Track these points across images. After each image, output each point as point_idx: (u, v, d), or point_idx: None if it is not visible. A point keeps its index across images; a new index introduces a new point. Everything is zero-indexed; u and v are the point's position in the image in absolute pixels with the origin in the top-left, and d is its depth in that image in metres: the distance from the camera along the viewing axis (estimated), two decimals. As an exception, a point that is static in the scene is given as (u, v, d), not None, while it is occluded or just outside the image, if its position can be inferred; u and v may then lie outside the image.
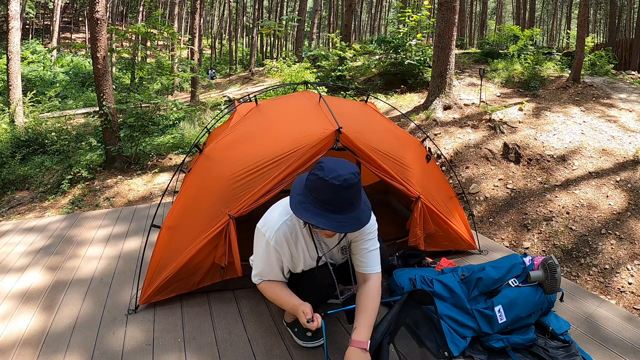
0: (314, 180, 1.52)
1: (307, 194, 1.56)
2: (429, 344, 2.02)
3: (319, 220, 1.50)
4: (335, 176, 1.48)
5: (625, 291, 3.70)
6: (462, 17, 18.09)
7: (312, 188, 1.53)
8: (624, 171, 5.00)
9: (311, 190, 1.54)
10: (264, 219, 1.81)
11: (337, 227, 1.51)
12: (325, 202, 1.51)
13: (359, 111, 3.05)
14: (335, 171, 1.49)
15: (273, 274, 1.82)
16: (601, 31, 35.21)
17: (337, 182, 1.47)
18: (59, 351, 2.02)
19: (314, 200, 1.53)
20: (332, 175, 1.48)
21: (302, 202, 1.56)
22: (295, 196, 1.60)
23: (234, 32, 32.02)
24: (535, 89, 8.07)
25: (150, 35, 9.66)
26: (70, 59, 19.73)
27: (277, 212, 1.80)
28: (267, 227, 1.76)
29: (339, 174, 1.49)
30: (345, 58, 10.48)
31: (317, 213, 1.51)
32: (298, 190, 1.61)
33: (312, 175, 1.54)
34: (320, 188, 1.50)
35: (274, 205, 1.85)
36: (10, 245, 3.41)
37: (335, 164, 1.53)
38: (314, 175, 1.53)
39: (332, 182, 1.47)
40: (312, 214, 1.52)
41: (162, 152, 7.30)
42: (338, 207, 1.51)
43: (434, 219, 2.75)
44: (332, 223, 1.50)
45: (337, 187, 1.47)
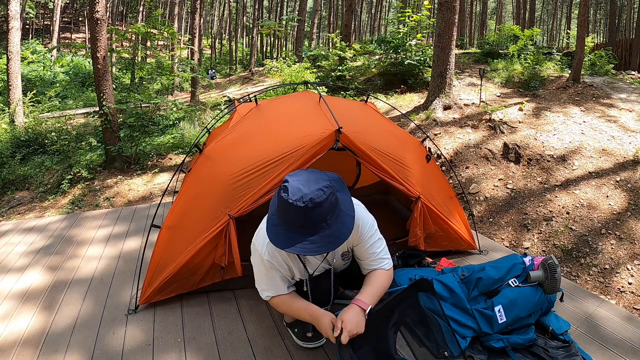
0: (281, 202, 1.42)
1: (279, 215, 1.47)
2: (429, 344, 2.02)
3: (292, 247, 1.40)
4: (299, 197, 1.37)
5: (625, 291, 3.70)
6: (462, 17, 18.10)
7: (281, 210, 1.44)
8: (624, 171, 5.00)
9: (281, 213, 1.44)
10: (256, 234, 1.77)
11: (312, 250, 1.41)
12: (296, 225, 1.41)
13: (359, 111, 3.05)
14: (300, 191, 1.38)
15: (278, 288, 1.76)
16: (601, 31, 35.21)
17: (302, 204, 1.36)
18: (59, 351, 2.02)
19: (284, 223, 1.44)
20: (296, 197, 1.38)
21: (275, 224, 1.48)
22: (270, 216, 1.52)
23: (234, 32, 32.02)
24: (535, 89, 8.07)
25: (150, 35, 9.66)
26: (70, 59, 19.74)
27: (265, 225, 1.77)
28: (259, 242, 1.73)
29: (304, 193, 1.38)
30: (345, 58, 10.48)
31: (289, 237, 1.41)
32: (273, 209, 1.52)
33: (279, 197, 1.43)
34: (287, 211, 1.40)
35: (264, 218, 1.79)
36: (10, 245, 3.41)
37: (301, 182, 1.42)
38: (280, 198, 1.42)
39: (297, 204, 1.37)
40: (284, 239, 1.42)
41: (162, 152, 7.30)
42: (310, 229, 1.41)
43: (434, 219, 2.75)
44: (306, 246, 1.39)
45: (303, 209, 1.37)
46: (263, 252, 1.70)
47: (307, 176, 1.46)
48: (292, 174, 1.49)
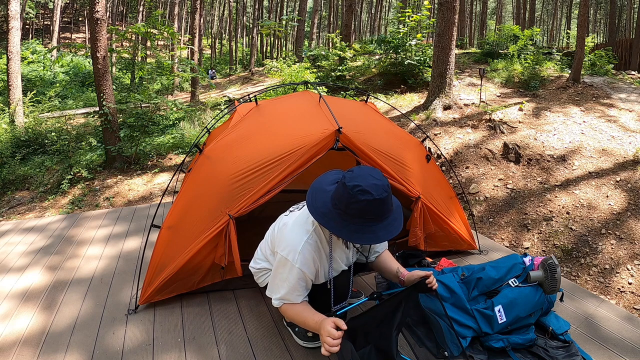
0: (365, 205, 1.48)
1: (356, 220, 1.51)
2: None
3: (385, 233, 1.52)
4: (380, 191, 1.49)
5: (625, 291, 3.70)
6: (462, 17, 18.10)
7: (364, 212, 1.50)
8: (623, 171, 5.00)
9: (362, 215, 1.50)
10: (283, 243, 1.77)
11: (391, 233, 1.53)
12: (378, 216, 1.51)
13: (359, 111, 3.05)
14: (378, 186, 1.50)
15: (296, 296, 1.76)
16: (601, 31, 35.21)
17: (386, 195, 1.50)
18: (59, 351, 2.02)
19: (369, 221, 1.52)
20: (379, 192, 1.49)
21: (357, 230, 1.52)
22: (343, 230, 1.53)
23: (234, 32, 32.02)
24: (535, 89, 8.07)
25: (150, 35, 9.65)
26: (70, 59, 19.73)
27: (294, 232, 1.77)
28: (290, 250, 1.72)
29: (378, 185, 1.50)
30: (345, 58, 10.48)
31: (378, 227, 1.52)
32: (334, 219, 1.55)
33: (360, 203, 1.48)
34: (375, 208, 1.50)
35: (287, 226, 1.81)
36: (10, 245, 3.41)
37: (366, 177, 1.52)
38: (362, 202, 1.48)
39: (381, 197, 1.49)
40: (374, 233, 1.52)
41: (162, 152, 7.30)
42: (387, 214, 1.54)
43: (434, 219, 2.75)
44: (390, 229, 1.53)
45: (385, 200, 1.50)
46: (295, 261, 1.69)
47: (360, 171, 1.56)
48: (349, 175, 1.55)
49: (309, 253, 1.73)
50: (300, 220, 1.80)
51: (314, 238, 1.75)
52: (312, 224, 1.77)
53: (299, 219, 1.81)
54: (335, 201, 1.56)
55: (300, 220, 1.80)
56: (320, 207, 1.59)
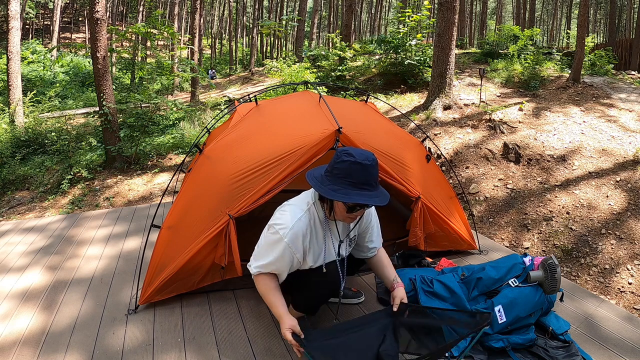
0: (348, 165, 1.64)
1: (339, 180, 1.66)
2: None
3: (367, 199, 1.64)
4: (365, 158, 1.65)
5: (625, 291, 3.70)
6: (462, 17, 18.10)
7: (346, 174, 1.65)
8: (623, 171, 5.00)
9: (345, 176, 1.65)
10: (278, 217, 1.82)
11: (380, 201, 1.66)
12: (363, 183, 1.65)
13: (359, 111, 3.05)
14: (363, 154, 1.67)
15: (275, 269, 1.82)
16: (601, 31, 35.21)
17: (369, 162, 1.65)
18: (59, 351, 2.02)
19: (350, 184, 1.65)
20: (362, 158, 1.64)
21: (337, 189, 1.66)
22: (323, 187, 1.69)
23: (234, 32, 32.02)
24: (535, 89, 8.07)
25: (150, 35, 9.65)
26: (70, 59, 19.73)
27: (289, 210, 1.82)
28: (282, 225, 1.77)
29: (367, 155, 1.67)
30: (345, 58, 10.48)
31: (360, 194, 1.65)
32: (322, 182, 1.71)
33: (344, 163, 1.65)
34: (355, 172, 1.64)
35: (285, 205, 1.87)
36: (10, 245, 3.41)
37: (356, 150, 1.70)
38: (345, 162, 1.65)
39: (365, 163, 1.63)
40: (358, 196, 1.65)
41: (162, 152, 7.30)
42: (371, 185, 1.67)
43: (434, 219, 2.75)
44: (375, 200, 1.65)
45: (370, 166, 1.65)
46: (285, 235, 1.75)
47: (355, 148, 1.77)
48: (344, 148, 1.74)
49: (300, 230, 1.77)
50: (296, 201, 1.88)
51: (307, 217, 1.81)
52: (307, 204, 1.84)
53: (296, 200, 1.89)
54: (327, 167, 1.75)
55: (296, 200, 1.89)
56: (313, 172, 1.78)
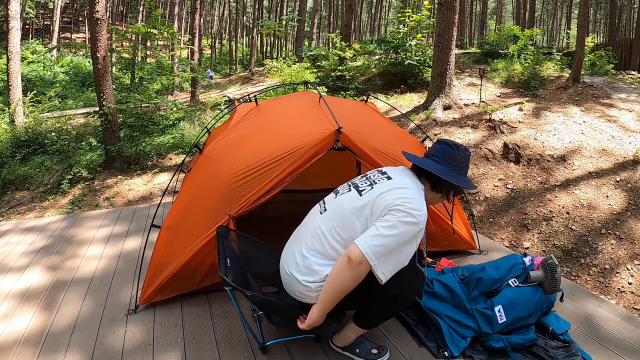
0: (467, 155, 1.77)
1: (464, 170, 1.76)
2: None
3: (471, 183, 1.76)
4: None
5: (625, 291, 3.70)
6: (462, 17, 18.09)
7: (466, 163, 1.77)
8: (623, 171, 5.00)
9: (466, 166, 1.76)
10: (406, 196, 1.55)
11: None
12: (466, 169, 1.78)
13: (359, 111, 3.05)
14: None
15: (394, 270, 1.52)
16: (601, 31, 35.21)
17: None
18: (59, 351, 2.02)
19: (465, 172, 1.77)
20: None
21: (453, 175, 1.71)
22: (462, 179, 1.73)
23: (234, 32, 32.01)
24: (535, 89, 8.07)
25: (150, 35, 9.65)
26: (70, 59, 19.72)
27: (412, 193, 1.58)
28: (416, 208, 1.52)
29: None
30: (345, 58, 10.48)
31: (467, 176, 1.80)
32: (454, 172, 1.72)
33: (466, 152, 1.77)
34: (467, 160, 1.77)
35: (398, 187, 1.60)
36: (10, 245, 3.41)
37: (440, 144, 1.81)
38: (467, 153, 1.77)
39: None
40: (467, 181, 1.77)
41: (162, 152, 7.29)
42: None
43: (434, 219, 2.75)
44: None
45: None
46: (422, 221, 1.53)
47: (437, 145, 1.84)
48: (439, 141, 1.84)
49: (426, 212, 1.58)
50: (408, 183, 1.65)
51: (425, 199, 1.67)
52: (420, 190, 1.67)
53: (406, 182, 1.65)
54: (445, 158, 1.73)
55: (406, 182, 1.65)
56: (435, 166, 1.71)
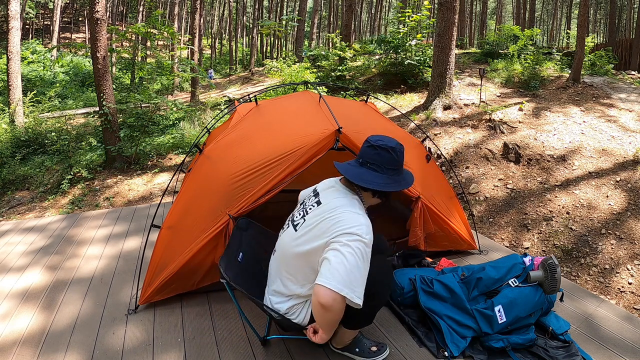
0: (402, 151, 1.70)
1: (397, 170, 1.68)
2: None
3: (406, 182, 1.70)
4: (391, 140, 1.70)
5: (625, 291, 3.70)
6: (462, 17, 18.09)
7: (402, 159, 1.70)
8: (623, 171, 5.00)
9: (401, 162, 1.70)
10: (350, 221, 1.52)
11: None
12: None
13: (359, 111, 3.05)
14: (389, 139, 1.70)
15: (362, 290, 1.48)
16: (601, 31, 35.22)
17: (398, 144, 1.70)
18: (59, 351, 2.02)
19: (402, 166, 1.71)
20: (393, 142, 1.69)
21: (402, 178, 1.69)
22: (403, 181, 1.67)
23: (234, 32, 32.02)
24: (535, 89, 8.07)
25: (150, 35, 9.64)
26: (70, 59, 19.73)
27: (350, 214, 1.56)
28: (361, 228, 1.49)
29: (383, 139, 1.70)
30: (345, 58, 10.48)
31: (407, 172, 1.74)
32: (390, 178, 1.65)
33: (401, 147, 1.69)
34: (402, 156, 1.70)
35: (338, 212, 1.57)
36: (10, 245, 3.41)
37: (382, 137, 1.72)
38: (401, 147, 1.69)
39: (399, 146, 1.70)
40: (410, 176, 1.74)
41: (162, 152, 7.29)
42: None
43: (434, 219, 2.75)
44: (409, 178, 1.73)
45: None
46: (365, 237, 1.49)
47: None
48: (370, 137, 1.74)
49: (369, 224, 1.55)
50: (344, 203, 1.61)
51: (363, 210, 1.64)
52: (357, 202, 1.64)
53: (341, 203, 1.61)
54: (377, 164, 1.65)
55: (342, 202, 1.62)
56: (364, 176, 1.63)
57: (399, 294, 2.31)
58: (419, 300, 2.20)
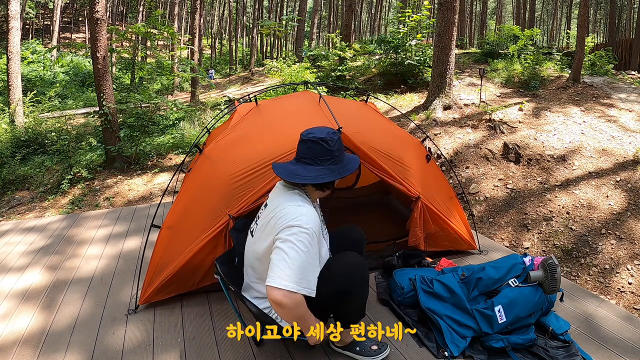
0: (336, 138, 1.71)
1: (333, 158, 1.67)
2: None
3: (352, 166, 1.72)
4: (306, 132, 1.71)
5: (625, 291, 3.70)
6: (462, 17, 18.09)
7: (339, 146, 1.71)
8: (623, 171, 5.00)
9: (338, 149, 1.70)
10: (289, 214, 1.54)
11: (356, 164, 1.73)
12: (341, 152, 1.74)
13: (359, 111, 3.05)
14: (322, 129, 1.71)
15: (314, 275, 1.51)
16: (601, 31, 35.22)
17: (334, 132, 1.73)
18: (59, 351, 2.02)
19: (342, 159, 1.73)
20: (325, 132, 1.70)
21: (341, 167, 1.67)
22: (337, 170, 1.66)
23: (234, 32, 32.02)
24: (535, 89, 8.07)
25: (150, 35, 9.65)
26: (70, 59, 19.71)
27: (291, 207, 1.59)
28: (301, 218, 1.52)
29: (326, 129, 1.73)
30: (345, 58, 10.48)
31: (350, 158, 1.75)
32: (324, 169, 1.65)
33: (334, 135, 1.71)
34: (339, 143, 1.71)
35: (280, 208, 1.61)
36: (10, 245, 3.41)
37: (315, 129, 1.72)
38: (335, 135, 1.71)
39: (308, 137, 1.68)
40: (354, 160, 1.76)
41: (162, 152, 7.29)
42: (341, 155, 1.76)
43: (434, 219, 2.75)
44: (352, 164, 1.72)
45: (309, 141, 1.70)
46: (306, 222, 1.52)
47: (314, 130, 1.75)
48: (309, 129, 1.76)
49: (311, 211, 1.59)
50: (284, 200, 1.64)
51: (307, 201, 1.67)
52: (300, 196, 1.66)
53: (280, 201, 1.65)
54: (321, 158, 1.65)
55: (281, 200, 1.65)
56: (313, 173, 1.64)
57: (399, 294, 2.31)
58: (419, 300, 2.20)
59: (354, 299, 1.73)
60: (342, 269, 1.69)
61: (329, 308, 1.75)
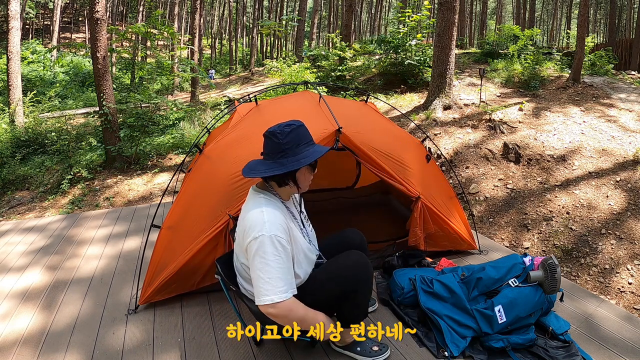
0: (295, 132, 1.66)
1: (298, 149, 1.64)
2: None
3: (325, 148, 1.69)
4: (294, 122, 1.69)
5: (625, 291, 3.70)
6: (462, 17, 18.09)
7: (298, 139, 1.66)
8: (623, 171, 5.00)
9: (299, 143, 1.65)
10: (252, 224, 1.57)
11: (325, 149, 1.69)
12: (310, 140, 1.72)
13: (359, 111, 3.05)
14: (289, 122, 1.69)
15: (291, 278, 1.56)
16: (601, 31, 35.23)
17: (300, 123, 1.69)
18: (59, 351, 2.02)
19: (306, 145, 1.67)
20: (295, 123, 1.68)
21: (301, 157, 1.62)
22: (287, 164, 1.62)
23: (234, 32, 32.03)
24: (535, 89, 8.07)
25: (150, 35, 9.65)
26: (70, 59, 19.73)
27: (251, 214, 1.60)
28: (264, 226, 1.54)
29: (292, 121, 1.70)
30: (345, 58, 10.48)
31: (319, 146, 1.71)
32: (279, 164, 1.64)
33: (288, 134, 1.65)
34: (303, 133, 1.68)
35: (246, 206, 1.68)
36: (10, 245, 3.41)
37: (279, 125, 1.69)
38: (290, 133, 1.65)
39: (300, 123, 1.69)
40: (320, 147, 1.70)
41: (162, 152, 7.29)
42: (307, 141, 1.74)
43: (434, 219, 2.75)
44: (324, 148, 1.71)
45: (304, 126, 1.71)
46: (266, 231, 1.53)
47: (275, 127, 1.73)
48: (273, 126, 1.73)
49: (273, 214, 1.59)
50: (250, 206, 1.66)
51: (272, 203, 1.66)
52: (262, 199, 1.66)
53: (247, 207, 1.67)
54: (268, 156, 1.66)
55: (248, 206, 1.67)
56: (256, 167, 1.67)
57: (399, 294, 2.31)
58: (419, 300, 2.20)
59: (360, 297, 1.77)
60: (349, 268, 1.73)
61: (334, 307, 1.78)
